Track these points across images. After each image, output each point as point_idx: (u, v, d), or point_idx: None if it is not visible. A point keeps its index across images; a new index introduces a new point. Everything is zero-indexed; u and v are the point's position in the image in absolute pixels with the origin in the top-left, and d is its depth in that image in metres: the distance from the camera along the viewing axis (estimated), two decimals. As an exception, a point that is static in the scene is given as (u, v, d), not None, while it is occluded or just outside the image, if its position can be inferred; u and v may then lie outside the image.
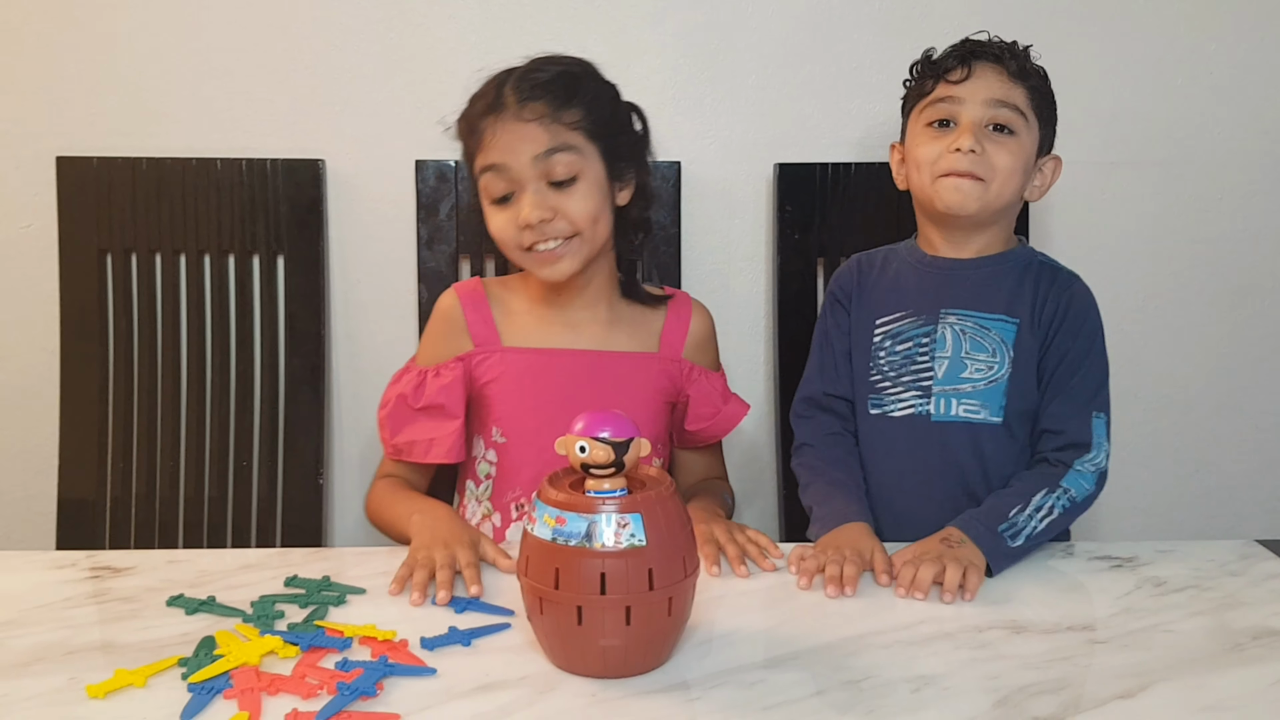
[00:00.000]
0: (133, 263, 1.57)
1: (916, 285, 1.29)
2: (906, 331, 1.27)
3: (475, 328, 1.33)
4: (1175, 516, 1.73)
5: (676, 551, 0.86)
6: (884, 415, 1.27)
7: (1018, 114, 1.22)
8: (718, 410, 1.35)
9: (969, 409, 1.24)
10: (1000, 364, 1.23)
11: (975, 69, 1.24)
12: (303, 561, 1.12)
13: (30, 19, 1.57)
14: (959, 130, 1.22)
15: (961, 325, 1.25)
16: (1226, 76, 1.63)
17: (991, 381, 1.24)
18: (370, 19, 1.59)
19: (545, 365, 1.30)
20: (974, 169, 1.21)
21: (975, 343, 1.24)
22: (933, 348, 1.26)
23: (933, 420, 1.25)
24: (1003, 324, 1.24)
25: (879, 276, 1.32)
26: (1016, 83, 1.23)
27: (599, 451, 0.85)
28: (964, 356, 1.24)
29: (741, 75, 1.62)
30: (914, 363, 1.26)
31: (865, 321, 1.31)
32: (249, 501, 1.58)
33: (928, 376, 1.25)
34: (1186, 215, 1.67)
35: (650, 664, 0.89)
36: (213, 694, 0.84)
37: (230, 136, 1.60)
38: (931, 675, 0.88)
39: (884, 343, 1.29)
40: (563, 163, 1.22)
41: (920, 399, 1.26)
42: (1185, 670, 0.90)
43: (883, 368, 1.28)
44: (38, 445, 1.65)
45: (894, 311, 1.29)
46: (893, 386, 1.27)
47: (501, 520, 1.31)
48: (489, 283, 1.38)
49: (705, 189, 1.63)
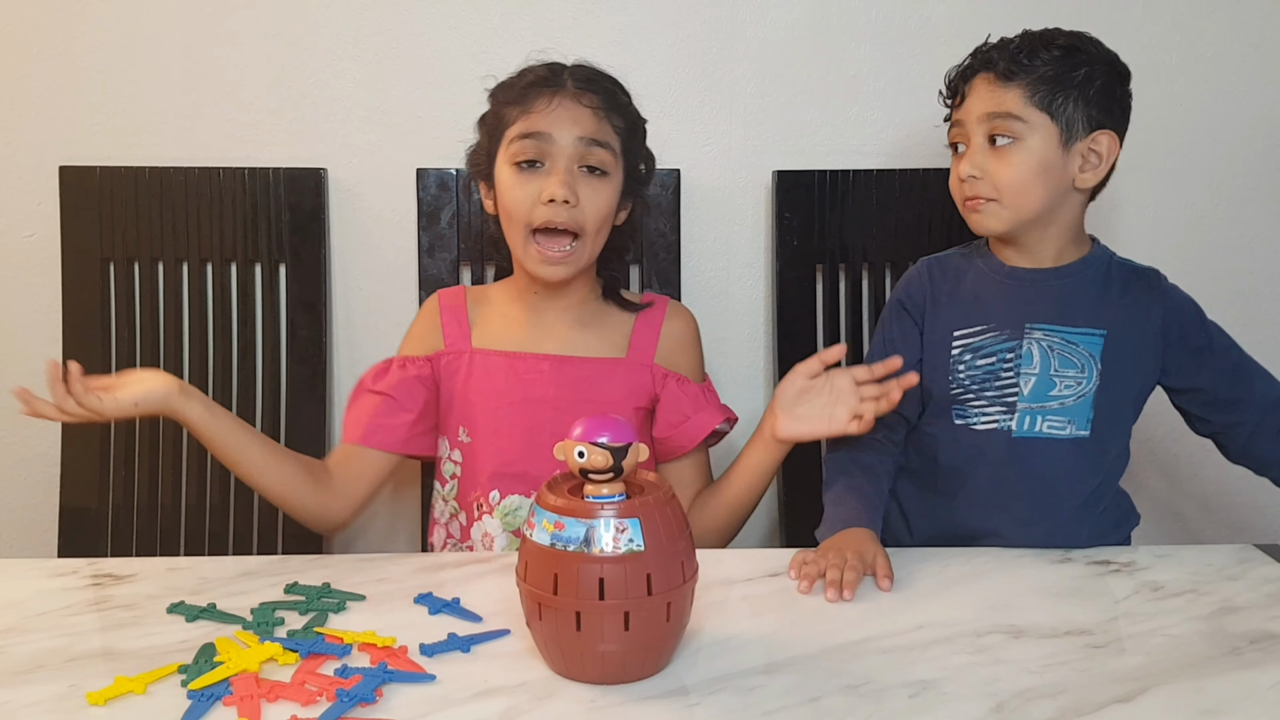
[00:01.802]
0: (135, 271, 1.58)
1: (997, 297, 1.25)
2: (989, 346, 1.23)
3: (449, 329, 1.35)
4: (1172, 521, 1.73)
5: (675, 556, 0.86)
6: (967, 427, 1.24)
7: (1012, 119, 1.18)
8: (685, 419, 1.33)
9: (1054, 425, 1.21)
10: (1088, 378, 1.21)
11: (969, 87, 1.23)
12: (303, 568, 1.12)
13: (32, 29, 1.58)
14: (965, 155, 1.22)
15: (1049, 341, 1.21)
16: (1223, 81, 1.64)
17: (1080, 396, 1.21)
18: (371, 29, 1.59)
19: (510, 368, 1.31)
20: (980, 192, 1.20)
21: (1064, 359, 1.21)
22: (1018, 364, 1.22)
23: (1014, 436, 1.22)
24: (1089, 337, 1.21)
25: (955, 286, 1.28)
26: (1008, 85, 1.19)
27: (597, 456, 0.85)
28: (1052, 374, 1.21)
29: (740, 83, 1.62)
30: (998, 378, 1.22)
31: (942, 332, 1.26)
32: (250, 509, 1.58)
33: (1013, 393, 1.22)
34: (1185, 220, 1.67)
35: (649, 670, 0.89)
36: (213, 701, 0.85)
37: (232, 146, 1.60)
38: (930, 680, 0.88)
39: (963, 355, 1.24)
40: (600, 156, 1.26)
41: (1004, 414, 1.22)
42: (1183, 674, 0.90)
43: (962, 380, 1.24)
44: (39, 453, 1.66)
45: (974, 324, 1.25)
46: (976, 400, 1.24)
47: (466, 519, 1.32)
48: (472, 290, 1.41)
49: (704, 196, 1.64)
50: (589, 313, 1.35)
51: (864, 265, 1.59)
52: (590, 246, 1.28)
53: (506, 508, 1.30)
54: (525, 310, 1.35)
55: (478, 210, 1.56)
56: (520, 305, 1.35)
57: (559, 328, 1.33)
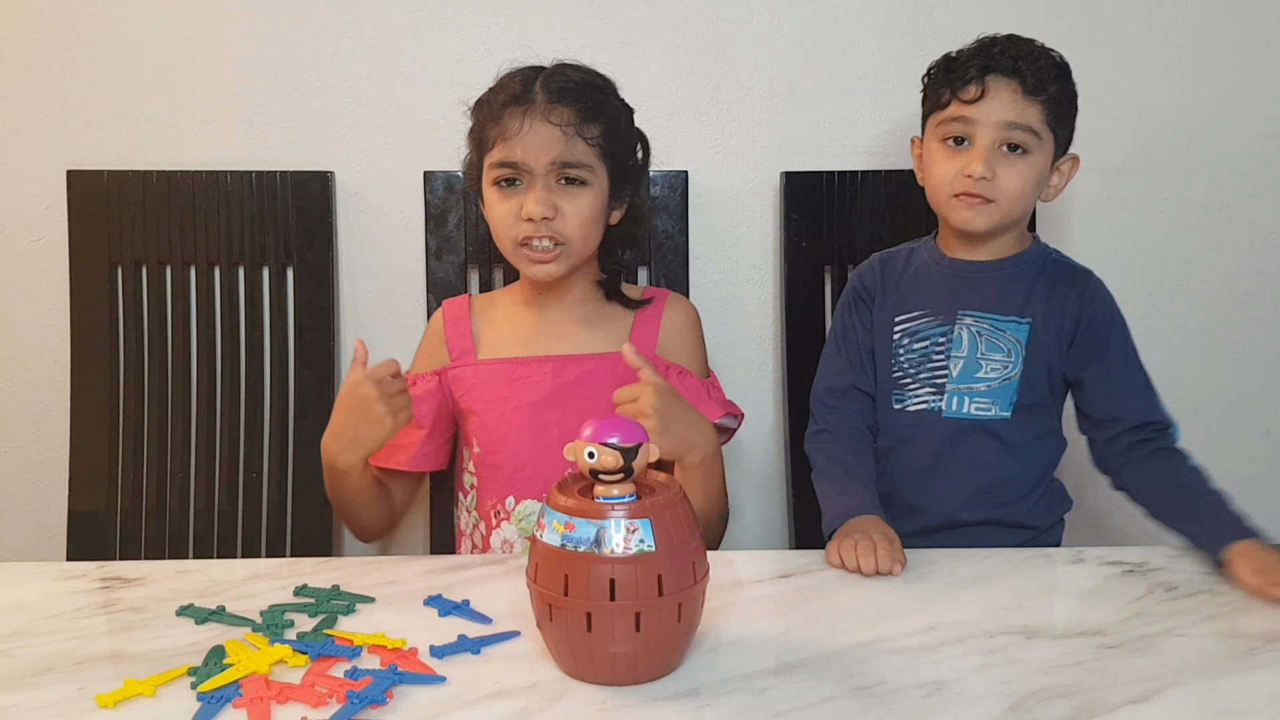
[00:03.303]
0: (143, 275, 1.58)
1: (935, 286, 1.32)
2: (924, 330, 1.31)
3: (453, 342, 1.36)
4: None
5: (686, 557, 0.86)
6: (902, 410, 1.31)
7: (1031, 134, 1.24)
8: None
9: (980, 406, 1.28)
10: (1014, 363, 1.27)
11: (990, 87, 1.24)
12: (312, 571, 1.12)
13: (39, 33, 1.58)
14: (972, 154, 1.25)
15: (978, 327, 1.29)
16: (1235, 81, 1.63)
17: (1005, 380, 1.27)
18: (378, 32, 1.59)
19: (513, 375, 1.32)
20: (984, 192, 1.25)
21: (991, 343, 1.28)
22: (949, 347, 1.29)
23: (943, 416, 1.28)
24: (1016, 325, 1.28)
25: (900, 276, 1.35)
26: (1032, 100, 1.23)
27: (607, 457, 0.84)
28: (979, 357, 1.28)
29: (748, 84, 1.62)
30: (930, 360, 1.30)
31: (886, 319, 1.33)
32: (259, 513, 1.58)
33: (942, 374, 1.29)
34: (1195, 220, 1.66)
35: (660, 671, 0.88)
36: (222, 703, 0.84)
37: (240, 149, 1.61)
38: (943, 681, 0.88)
39: (902, 340, 1.32)
40: (574, 173, 1.26)
41: (934, 395, 1.29)
42: (1198, 675, 0.89)
43: (902, 364, 1.31)
44: (48, 457, 1.66)
45: (913, 310, 1.32)
46: (911, 383, 1.30)
47: (486, 528, 1.33)
48: (477, 298, 1.42)
49: (712, 197, 1.63)
50: (592, 310, 1.36)
51: (872, 266, 1.59)
52: (578, 247, 1.29)
53: (521, 513, 1.30)
54: (532, 312, 1.36)
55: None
56: (527, 308, 1.36)
57: (563, 326, 1.34)
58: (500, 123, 1.26)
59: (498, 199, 1.28)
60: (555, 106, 1.25)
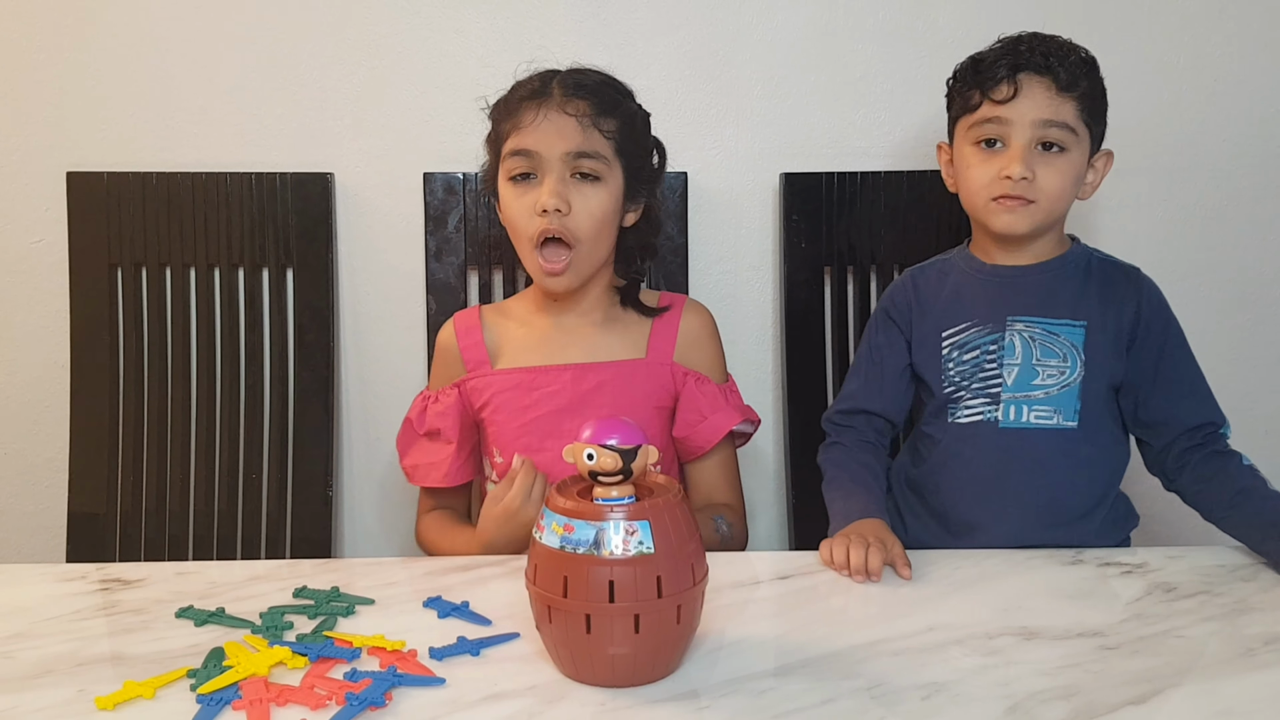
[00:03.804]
0: (143, 277, 1.58)
1: (979, 294, 1.28)
2: (973, 341, 1.26)
3: (468, 353, 1.36)
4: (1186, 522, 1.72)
5: (685, 559, 0.86)
6: (954, 423, 1.27)
7: (1068, 131, 1.21)
8: (702, 418, 1.33)
9: (1040, 415, 1.23)
10: (1072, 368, 1.23)
11: (1022, 86, 1.21)
12: (311, 573, 1.12)
13: (40, 36, 1.58)
14: (1009, 155, 1.22)
15: (1030, 332, 1.25)
16: (1230, 79, 1.63)
17: (1064, 386, 1.23)
18: (377, 34, 1.60)
19: (531, 384, 1.32)
20: (1025, 193, 1.21)
21: (1045, 349, 1.24)
22: (1000, 355, 1.25)
23: (1001, 427, 1.24)
24: (1070, 328, 1.24)
25: (937, 289, 1.31)
26: (1066, 96, 1.21)
27: (606, 459, 0.84)
28: (1035, 364, 1.24)
29: (747, 86, 1.62)
30: (982, 370, 1.26)
31: (931, 335, 1.29)
32: (258, 514, 1.58)
33: (996, 384, 1.25)
34: (1195, 221, 1.67)
35: (659, 673, 0.88)
36: (222, 705, 0.84)
37: (239, 151, 1.61)
38: (942, 682, 0.88)
39: (951, 353, 1.27)
40: (589, 165, 1.26)
41: (989, 406, 1.25)
42: (1197, 676, 0.89)
43: (953, 378, 1.27)
44: (48, 458, 1.66)
45: (959, 322, 1.28)
46: (964, 395, 1.26)
47: None
48: (487, 309, 1.41)
49: (712, 199, 1.63)
50: (608, 316, 1.35)
51: (872, 268, 1.59)
52: (589, 252, 1.28)
53: None
54: (548, 319, 1.35)
55: (485, 214, 1.56)
56: (543, 315, 1.36)
57: (580, 333, 1.34)
58: (516, 116, 1.26)
59: (512, 194, 1.27)
60: (571, 99, 1.26)
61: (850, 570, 1.08)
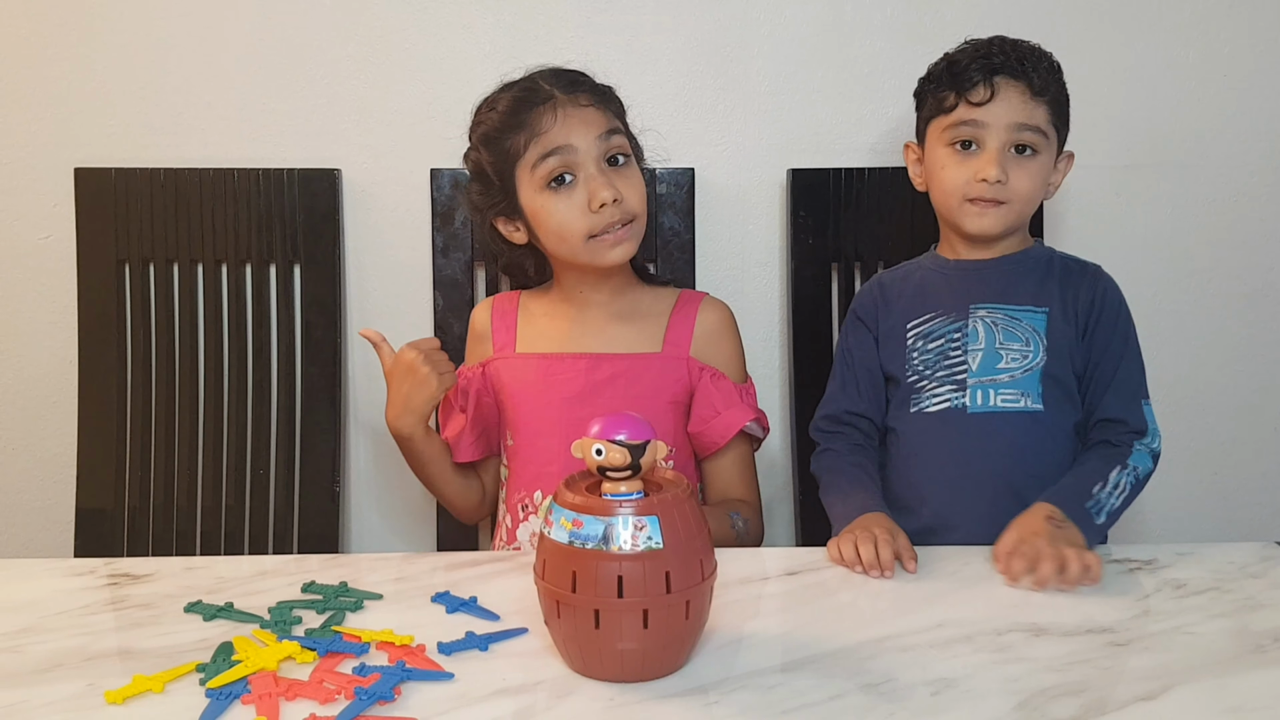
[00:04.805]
0: (150, 273, 1.58)
1: (943, 286, 1.31)
2: (937, 329, 1.29)
3: (498, 335, 1.38)
4: (1194, 519, 1.72)
5: (694, 554, 0.86)
6: (920, 412, 1.28)
7: (1040, 134, 1.24)
8: (715, 414, 1.33)
9: (1007, 399, 1.25)
10: (1035, 352, 1.25)
11: (998, 89, 1.24)
12: (319, 568, 1.12)
13: (47, 32, 1.58)
14: (984, 158, 1.24)
15: (992, 318, 1.27)
16: (1241, 77, 1.63)
17: (1027, 370, 1.25)
18: (384, 29, 1.59)
19: (548, 369, 1.33)
20: (998, 196, 1.24)
21: (1008, 333, 1.26)
22: (965, 341, 1.27)
23: (970, 413, 1.25)
24: (1032, 313, 1.27)
25: (903, 286, 1.34)
26: (1039, 101, 1.24)
27: (615, 454, 0.84)
28: (998, 348, 1.26)
29: (754, 81, 1.62)
30: (947, 358, 1.28)
31: (896, 330, 1.32)
32: (266, 510, 1.59)
33: (961, 370, 1.27)
34: (1202, 216, 1.66)
35: (668, 668, 0.88)
36: (231, 699, 0.84)
37: (247, 147, 1.61)
38: (951, 678, 0.88)
39: (916, 343, 1.30)
40: (619, 144, 1.28)
41: (955, 393, 1.26)
42: (1207, 672, 0.89)
43: (917, 367, 1.29)
44: (56, 454, 1.67)
45: (924, 314, 1.31)
46: (929, 384, 1.28)
47: (512, 521, 1.34)
48: (525, 295, 1.42)
49: (719, 195, 1.63)
50: (627, 304, 1.36)
51: (879, 264, 1.58)
52: (643, 224, 1.30)
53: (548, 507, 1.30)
54: (571, 308, 1.36)
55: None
56: (567, 305, 1.36)
57: (598, 324, 1.35)
58: (528, 126, 1.25)
59: (553, 201, 1.26)
60: (575, 94, 1.26)
61: (862, 565, 1.08)
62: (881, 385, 1.33)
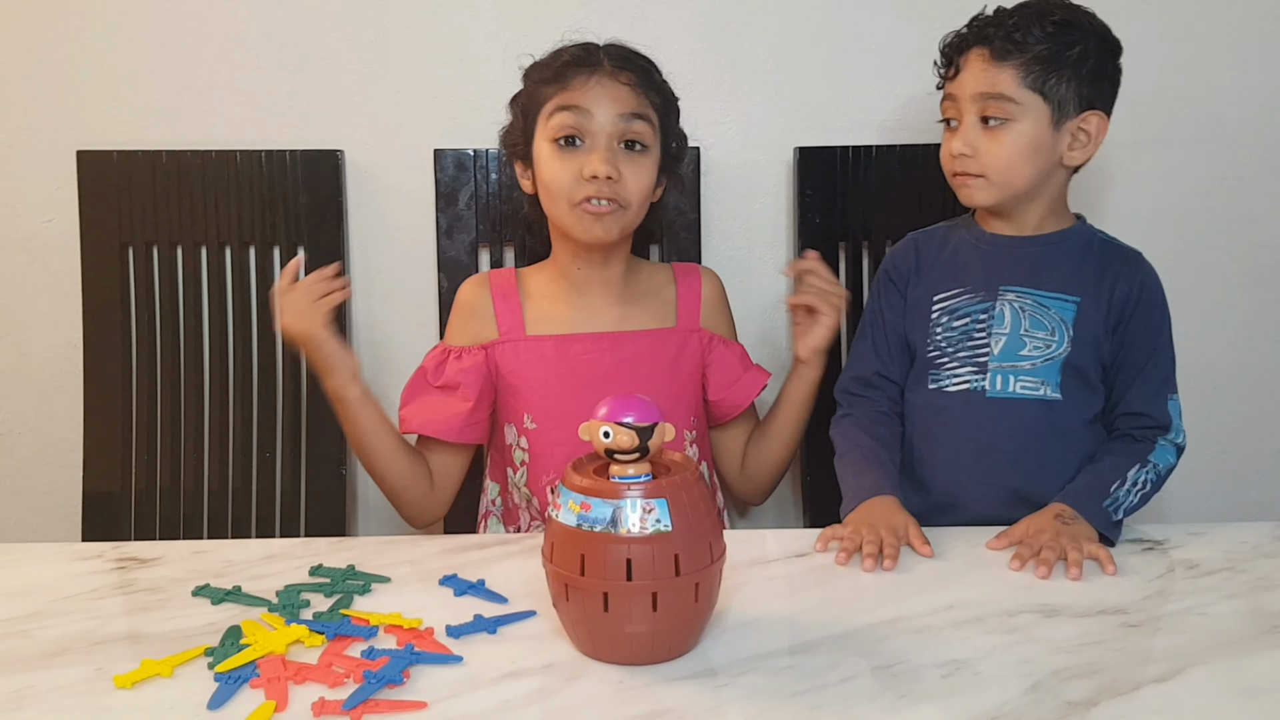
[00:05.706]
0: (154, 255, 1.57)
1: (975, 262, 1.29)
2: (964, 308, 1.27)
3: (503, 317, 1.35)
4: (1206, 499, 1.71)
5: (703, 537, 0.85)
6: (940, 390, 1.27)
7: (1005, 101, 1.20)
8: (737, 378, 1.37)
9: (1026, 386, 1.23)
10: (1059, 342, 1.23)
11: (963, 62, 1.23)
12: (327, 551, 1.12)
13: (47, 14, 1.57)
14: (957, 133, 1.24)
15: (1021, 302, 1.25)
16: (1252, 51, 1.61)
17: (1049, 359, 1.23)
18: (386, 9, 1.58)
19: (568, 350, 1.32)
20: (969, 169, 1.23)
21: (1035, 320, 1.24)
22: (990, 324, 1.25)
23: (988, 396, 1.24)
24: (1062, 303, 1.24)
25: (938, 254, 1.32)
26: (1002, 65, 1.19)
27: (623, 437, 0.84)
28: (1023, 334, 1.24)
29: (760, 59, 1.60)
30: (970, 338, 1.26)
31: (923, 298, 1.30)
32: (273, 493, 1.58)
33: (984, 352, 1.25)
34: (1215, 195, 1.64)
35: (677, 650, 0.88)
36: (239, 683, 0.84)
37: (249, 129, 1.60)
38: (963, 660, 0.87)
39: (941, 318, 1.28)
40: (640, 130, 1.27)
41: (976, 375, 1.25)
42: (1220, 653, 0.88)
43: (939, 343, 1.28)
44: (62, 438, 1.66)
45: (952, 288, 1.29)
46: (949, 362, 1.27)
47: (540, 504, 1.33)
48: (521, 271, 1.41)
49: (725, 173, 1.62)
50: (629, 287, 1.37)
51: (886, 242, 1.57)
52: (634, 218, 1.30)
53: None
54: (569, 290, 1.36)
55: (495, 191, 1.55)
56: (563, 284, 1.36)
57: (603, 305, 1.35)
58: (563, 80, 1.26)
59: (556, 158, 1.26)
60: (622, 70, 1.27)
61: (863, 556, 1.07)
62: (907, 351, 1.32)
